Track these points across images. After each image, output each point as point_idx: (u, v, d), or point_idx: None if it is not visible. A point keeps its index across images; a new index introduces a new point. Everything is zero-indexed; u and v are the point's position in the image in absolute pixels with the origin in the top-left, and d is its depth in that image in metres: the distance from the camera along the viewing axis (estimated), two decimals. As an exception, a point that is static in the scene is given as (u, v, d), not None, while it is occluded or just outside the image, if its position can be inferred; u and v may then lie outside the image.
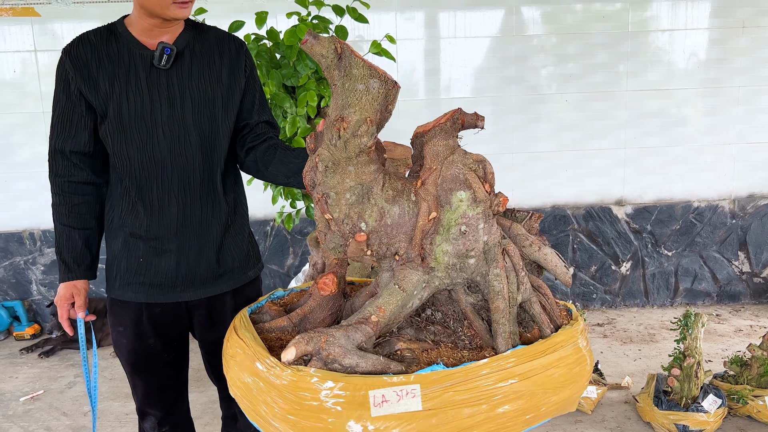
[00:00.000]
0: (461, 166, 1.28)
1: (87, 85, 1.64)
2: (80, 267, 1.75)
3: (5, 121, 4.04)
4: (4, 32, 3.93)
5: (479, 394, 1.17)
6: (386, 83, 1.24)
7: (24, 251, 4.20)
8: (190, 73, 1.68)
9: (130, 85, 1.63)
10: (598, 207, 4.28)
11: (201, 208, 1.72)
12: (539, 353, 1.26)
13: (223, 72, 1.72)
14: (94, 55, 1.65)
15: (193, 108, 1.67)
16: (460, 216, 1.28)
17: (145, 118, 1.65)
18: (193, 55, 1.69)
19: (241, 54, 1.76)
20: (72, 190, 1.73)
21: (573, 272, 4.34)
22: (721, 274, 4.39)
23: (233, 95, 1.73)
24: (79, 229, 1.74)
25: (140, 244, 1.72)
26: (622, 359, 3.54)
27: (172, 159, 1.67)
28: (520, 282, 1.37)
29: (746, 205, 4.31)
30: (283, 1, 3.91)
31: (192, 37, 1.71)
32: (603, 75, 4.12)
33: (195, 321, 1.85)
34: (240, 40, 1.79)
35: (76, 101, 1.66)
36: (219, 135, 1.72)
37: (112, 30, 1.68)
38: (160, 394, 1.90)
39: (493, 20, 4.04)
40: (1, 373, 3.63)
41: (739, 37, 4.10)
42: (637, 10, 4.06)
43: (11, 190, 4.13)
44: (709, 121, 4.22)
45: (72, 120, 1.68)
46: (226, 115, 1.72)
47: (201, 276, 1.77)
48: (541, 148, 4.20)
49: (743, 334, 3.87)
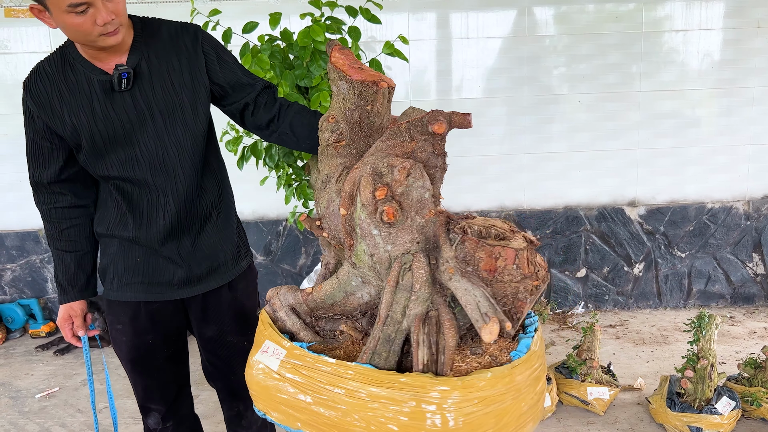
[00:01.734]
0: (369, 167, 1.26)
1: (53, 122, 1.63)
2: (74, 289, 1.81)
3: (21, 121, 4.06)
4: (21, 33, 3.98)
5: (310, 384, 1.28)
6: (355, 85, 1.31)
7: (40, 250, 4.25)
8: (152, 88, 1.63)
9: (96, 113, 1.61)
10: (610, 208, 4.26)
11: (188, 211, 1.74)
12: None
13: (184, 73, 1.66)
14: (54, 88, 1.62)
15: (163, 120, 1.65)
16: (358, 217, 1.27)
17: (119, 141, 1.64)
18: (150, 66, 1.63)
19: (197, 46, 1.68)
20: (58, 216, 1.77)
21: (585, 273, 4.32)
22: (735, 276, 4.35)
23: (199, 94, 1.69)
24: (71, 252, 1.78)
25: (135, 247, 1.75)
26: (634, 361, 3.52)
27: (153, 174, 1.67)
28: (410, 304, 1.23)
29: (761, 207, 4.28)
30: (296, 2, 3.93)
31: (145, 47, 1.64)
32: (616, 75, 4.10)
33: (192, 316, 1.87)
34: (194, 27, 1.70)
35: (44, 136, 1.67)
36: (195, 138, 1.70)
37: (65, 57, 1.64)
38: (162, 389, 1.92)
39: (506, 21, 4.04)
40: (17, 371, 3.68)
41: (754, 38, 4.07)
42: (651, 10, 4.04)
43: (26, 190, 4.12)
44: (724, 122, 4.19)
45: (43, 153, 1.70)
46: (197, 117, 1.69)
47: (196, 273, 1.79)
48: (554, 148, 4.19)
49: (757, 336, 3.84)
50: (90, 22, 1.48)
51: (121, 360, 1.89)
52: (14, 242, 4.22)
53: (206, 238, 1.79)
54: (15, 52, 4.00)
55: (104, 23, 1.48)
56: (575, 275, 4.33)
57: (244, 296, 1.92)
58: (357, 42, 2.70)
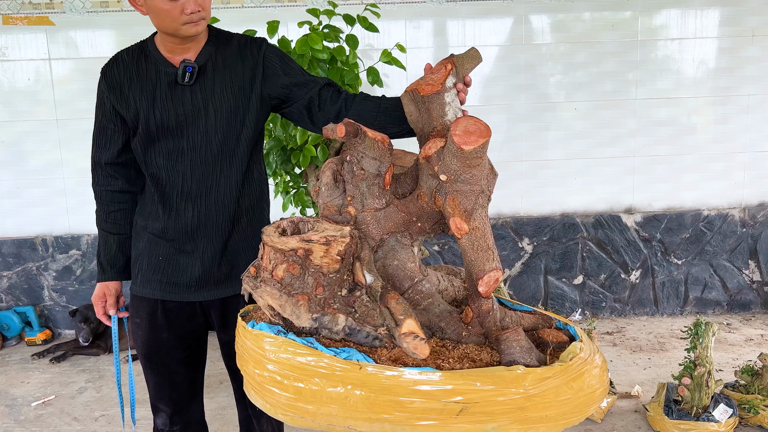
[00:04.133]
0: None
1: (119, 103, 1.76)
2: (113, 269, 1.90)
3: (18, 128, 4.09)
4: (19, 41, 3.99)
5: None
6: None
7: (36, 257, 4.24)
8: (213, 87, 1.75)
9: (156, 100, 1.73)
10: (607, 215, 4.27)
11: (216, 212, 1.80)
12: None
13: (245, 80, 1.77)
14: (126, 73, 1.76)
15: (216, 120, 1.75)
16: None
17: (171, 130, 1.74)
18: (215, 68, 1.76)
19: (261, 54, 1.78)
20: (109, 199, 1.88)
21: (582, 280, 4.33)
22: (731, 283, 4.37)
23: (253, 102, 1.78)
24: (115, 234, 1.89)
25: (161, 243, 1.82)
26: (631, 368, 3.52)
27: (192, 168, 1.77)
28: None
29: (756, 214, 4.30)
30: (294, 11, 3.95)
31: (214, 50, 1.77)
32: (612, 83, 4.12)
33: (212, 321, 1.92)
34: (260, 39, 1.83)
35: (110, 117, 1.80)
36: (240, 142, 1.79)
37: (143, 48, 1.79)
38: (171, 389, 1.95)
39: (502, 29, 4.06)
40: (13, 379, 3.66)
41: (749, 46, 4.10)
42: (647, 18, 4.06)
43: (24, 197, 4.17)
44: (719, 130, 4.21)
45: (106, 134, 1.83)
46: (246, 122, 1.78)
47: (215, 277, 1.84)
48: (551, 156, 4.20)
49: (754, 344, 3.85)
50: (179, 10, 1.63)
51: (138, 355, 1.95)
52: (11, 249, 4.22)
53: (232, 243, 1.84)
54: (13, 60, 4.01)
55: (191, 12, 1.63)
56: (572, 282, 4.34)
57: None
58: (354, 50, 2.71)
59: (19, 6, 3.93)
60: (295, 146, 2.69)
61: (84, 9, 3.94)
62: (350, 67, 2.69)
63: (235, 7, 3.94)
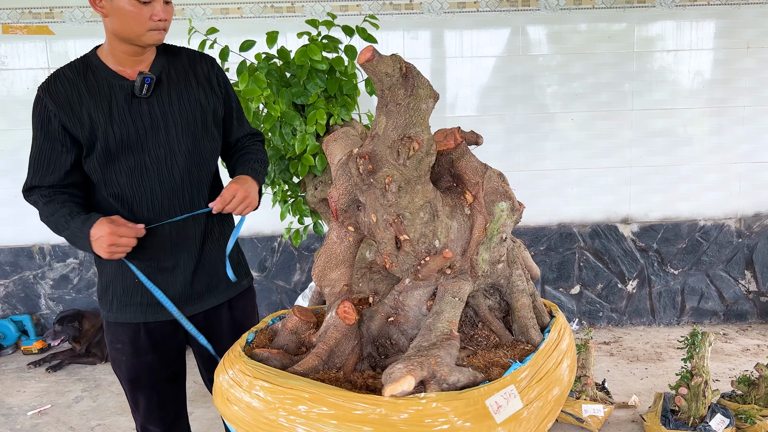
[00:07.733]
0: (497, 178, 1.36)
1: (71, 122, 1.65)
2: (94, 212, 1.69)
3: (17, 136, 4.09)
4: (18, 49, 4.00)
5: (549, 380, 1.27)
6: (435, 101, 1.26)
7: (33, 266, 4.23)
8: (169, 98, 1.72)
9: (113, 116, 1.66)
10: (604, 225, 4.29)
11: (192, 224, 1.78)
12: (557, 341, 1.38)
13: (200, 93, 1.77)
14: (75, 90, 1.66)
15: (176, 131, 1.72)
16: (501, 225, 1.35)
17: (132, 146, 1.68)
18: (170, 80, 1.74)
19: (212, 74, 1.81)
20: (55, 195, 1.69)
21: (579, 290, 4.34)
22: (727, 293, 4.38)
23: (212, 115, 1.80)
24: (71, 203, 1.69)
25: (135, 264, 1.73)
26: (628, 378, 3.53)
27: (160, 182, 1.72)
28: (527, 279, 1.48)
29: (752, 224, 4.32)
30: (293, 21, 3.97)
31: (166, 62, 1.75)
32: (608, 94, 4.15)
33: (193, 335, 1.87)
34: (211, 58, 1.84)
35: (57, 137, 1.66)
36: (204, 154, 1.79)
37: (87, 63, 1.70)
38: (161, 410, 1.92)
39: (499, 40, 4.08)
40: (9, 388, 3.65)
41: (744, 58, 4.13)
42: (642, 30, 4.10)
43: (21, 205, 4.15)
44: (715, 141, 4.24)
45: (52, 156, 1.68)
46: (207, 135, 1.78)
47: (196, 291, 1.82)
48: (548, 166, 4.22)
49: (750, 354, 3.85)
50: (147, 15, 1.61)
51: (121, 380, 1.88)
52: (8, 258, 4.21)
53: (206, 253, 1.83)
54: (12, 69, 4.02)
55: (159, 20, 1.62)
56: (569, 292, 4.34)
57: (244, 315, 1.93)
58: (353, 61, 2.73)
59: (19, 15, 3.95)
60: (293, 155, 2.70)
61: (84, 19, 3.96)
62: (349, 77, 2.71)
63: (233, 17, 3.96)
